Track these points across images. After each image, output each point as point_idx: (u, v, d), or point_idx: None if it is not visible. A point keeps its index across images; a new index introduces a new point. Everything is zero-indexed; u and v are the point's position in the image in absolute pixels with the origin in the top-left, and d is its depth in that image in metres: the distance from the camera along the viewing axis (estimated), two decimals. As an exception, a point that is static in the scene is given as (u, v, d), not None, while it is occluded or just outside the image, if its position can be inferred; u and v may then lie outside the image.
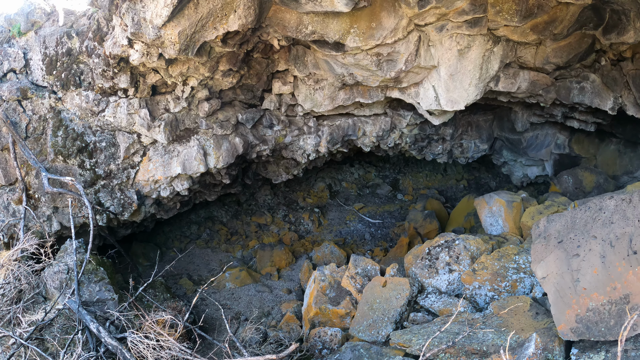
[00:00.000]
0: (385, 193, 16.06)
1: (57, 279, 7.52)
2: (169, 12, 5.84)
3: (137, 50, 7.03)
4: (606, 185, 11.80)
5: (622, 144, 12.00)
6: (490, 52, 8.38)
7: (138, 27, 6.25)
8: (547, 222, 5.27)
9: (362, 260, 8.50)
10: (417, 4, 7.00)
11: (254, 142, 10.10)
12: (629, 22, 7.52)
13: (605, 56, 9.34)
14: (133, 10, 6.14)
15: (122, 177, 9.13)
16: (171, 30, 6.17)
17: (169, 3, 5.74)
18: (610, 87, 9.49)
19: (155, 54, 7.07)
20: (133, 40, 6.89)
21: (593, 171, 12.11)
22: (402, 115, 10.91)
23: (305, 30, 7.36)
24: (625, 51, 8.98)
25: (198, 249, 12.84)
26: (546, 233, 5.14)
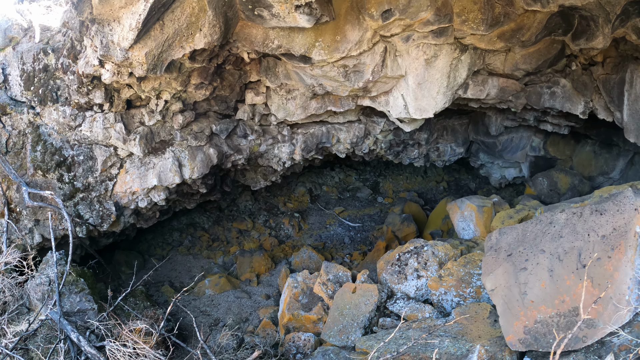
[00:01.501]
0: (366, 196, 16.25)
1: (39, 290, 7.70)
2: (134, 35, 6.00)
3: (108, 70, 7.20)
4: (581, 187, 12.05)
5: (598, 145, 12.21)
6: (457, 61, 8.53)
7: (107, 49, 6.43)
8: (499, 235, 5.46)
9: (333, 267, 8.70)
10: (381, 17, 7.15)
11: (229, 152, 10.25)
12: (598, 28, 7.65)
13: (576, 61, 9.49)
14: (101, 33, 6.30)
15: (100, 189, 9.28)
16: (138, 51, 6.32)
17: (134, 27, 5.90)
18: (581, 91, 9.65)
19: (126, 72, 7.23)
20: (104, 61, 7.05)
21: (568, 173, 12.34)
22: (375, 122, 11.10)
23: (272, 45, 7.51)
24: (596, 56, 9.14)
25: (180, 255, 12.97)
26: (497, 246, 5.34)
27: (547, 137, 12.85)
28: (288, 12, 6.53)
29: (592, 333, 4.34)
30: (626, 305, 4.11)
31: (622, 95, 8.81)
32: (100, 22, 6.15)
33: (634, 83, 8.57)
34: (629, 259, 4.23)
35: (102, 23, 6.16)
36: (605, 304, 4.21)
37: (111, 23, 6.12)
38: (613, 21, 7.38)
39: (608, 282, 4.22)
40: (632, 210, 4.38)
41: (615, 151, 11.77)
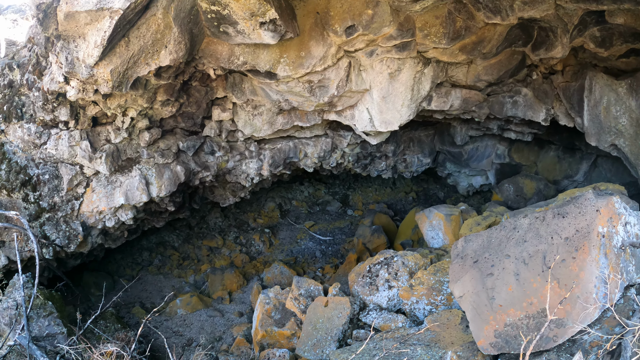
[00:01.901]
0: (336, 209, 16.33)
1: (6, 315, 7.45)
2: (99, 52, 5.93)
3: (73, 87, 7.08)
4: (546, 191, 12.41)
5: (561, 150, 12.61)
6: (421, 74, 8.74)
7: (72, 66, 6.32)
8: (464, 242, 5.58)
9: (304, 282, 8.69)
10: (345, 32, 7.28)
11: (196, 169, 10.17)
12: (557, 38, 7.95)
13: (537, 70, 9.84)
14: (67, 50, 6.20)
15: (67, 209, 9.03)
16: (103, 68, 6.24)
17: (99, 44, 5.83)
18: (542, 99, 10.01)
19: (91, 89, 7.12)
20: (69, 78, 6.94)
21: (533, 178, 12.70)
22: (342, 135, 11.22)
23: (237, 61, 7.54)
24: (556, 65, 9.48)
25: (150, 275, 12.72)
26: (463, 253, 5.45)
27: (511, 144, 13.23)
28: (253, 29, 6.58)
29: (562, 332, 4.45)
30: (594, 303, 4.25)
31: (582, 102, 9.20)
32: (66, 38, 6.06)
33: (593, 89, 8.96)
34: (594, 259, 4.38)
35: (68, 39, 6.07)
36: (573, 304, 4.34)
37: (76, 39, 6.04)
38: (571, 31, 7.71)
39: (574, 282, 4.36)
40: (594, 212, 4.55)
41: (578, 155, 12.21)
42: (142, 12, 5.87)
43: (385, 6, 7.09)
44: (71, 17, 5.67)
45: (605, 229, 4.52)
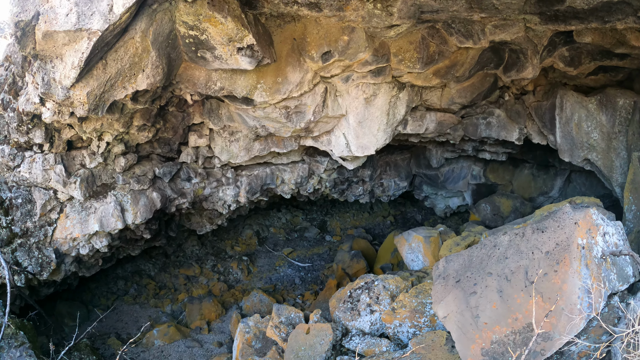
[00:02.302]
0: (314, 236, 16.24)
1: None
2: (76, 73, 5.83)
3: (49, 109, 6.92)
4: (523, 208, 12.62)
5: (535, 168, 12.93)
6: (396, 98, 8.87)
7: (48, 87, 6.18)
8: (445, 263, 5.59)
9: (285, 309, 8.54)
10: (321, 58, 7.37)
11: (173, 195, 10.02)
12: (527, 60, 8.19)
13: (509, 91, 10.14)
14: (44, 70, 6.08)
15: (40, 235, 8.73)
16: (79, 90, 6.14)
17: (77, 65, 5.74)
18: (515, 119, 10.28)
19: (67, 112, 6.97)
20: (45, 99, 6.79)
21: (509, 196, 12.93)
22: (319, 161, 11.25)
23: (214, 87, 7.52)
24: (527, 85, 9.80)
25: (126, 305, 12.34)
26: (445, 273, 5.45)
27: (486, 164, 13.48)
28: (230, 55, 6.59)
29: (550, 345, 4.45)
30: (579, 314, 4.27)
31: (553, 119, 9.50)
32: (43, 58, 5.95)
33: (564, 107, 9.27)
34: (575, 270, 4.42)
35: (45, 59, 5.95)
36: (559, 316, 4.35)
37: (54, 60, 5.93)
38: (541, 52, 7.99)
39: (558, 294, 4.38)
40: (572, 225, 4.62)
41: (552, 171, 12.52)
42: (120, 35, 5.83)
43: (361, 32, 7.22)
44: (49, 37, 5.56)
45: (585, 241, 4.59)
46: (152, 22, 5.97)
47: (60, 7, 5.41)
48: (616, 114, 8.72)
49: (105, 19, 5.32)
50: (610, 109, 8.79)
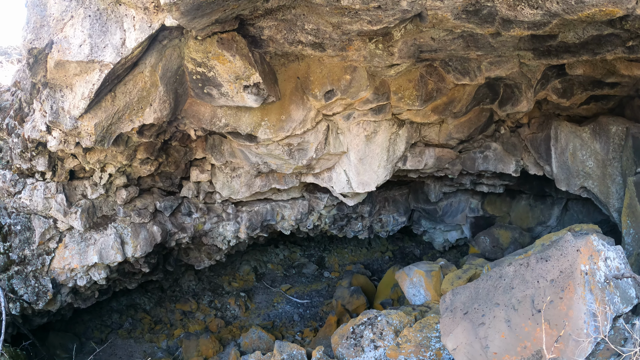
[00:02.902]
0: (312, 272, 16.15)
1: None
2: (85, 104, 5.92)
3: (55, 137, 6.98)
4: (522, 239, 12.69)
5: (532, 198, 13.08)
6: (396, 135, 9.04)
7: (56, 115, 6.24)
8: (452, 295, 5.61)
9: (287, 346, 8.43)
10: (324, 97, 7.57)
11: (173, 230, 10.02)
12: (522, 94, 8.45)
13: (504, 125, 10.38)
14: (52, 99, 6.15)
15: (37, 263, 8.64)
16: (88, 121, 6.22)
17: (87, 96, 5.84)
18: (511, 152, 10.48)
19: (73, 142, 7.05)
20: (51, 128, 6.85)
21: (508, 228, 13.00)
22: (319, 197, 11.34)
23: (219, 123, 7.65)
24: (522, 118, 10.03)
25: (120, 339, 12.11)
26: (452, 306, 5.46)
27: (484, 197, 13.60)
28: (237, 92, 6.75)
29: (560, 370, 4.45)
30: (586, 337, 4.29)
31: (549, 150, 9.70)
32: (53, 86, 6.04)
33: (558, 137, 9.48)
34: (580, 296, 4.47)
35: (55, 88, 6.04)
36: (566, 341, 4.37)
37: (63, 89, 6.03)
38: (535, 86, 8.25)
39: (564, 320, 4.41)
40: (575, 252, 4.69)
41: (549, 201, 12.63)
42: (130, 68, 5.97)
43: (362, 71, 7.45)
44: (61, 66, 5.66)
45: (588, 267, 4.66)
46: (161, 57, 6.14)
47: (74, 38, 5.51)
48: (609, 141, 8.94)
49: (118, 52, 5.47)
50: (603, 137, 9.00)
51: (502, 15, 5.40)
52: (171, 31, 5.84)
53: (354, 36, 6.46)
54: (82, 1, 5.41)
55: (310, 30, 6.33)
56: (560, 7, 4.97)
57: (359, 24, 5.97)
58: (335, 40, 6.58)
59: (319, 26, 6.21)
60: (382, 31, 6.18)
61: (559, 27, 5.61)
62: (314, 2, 5.50)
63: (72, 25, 5.49)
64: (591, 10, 4.87)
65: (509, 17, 5.40)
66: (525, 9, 5.15)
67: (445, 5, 5.36)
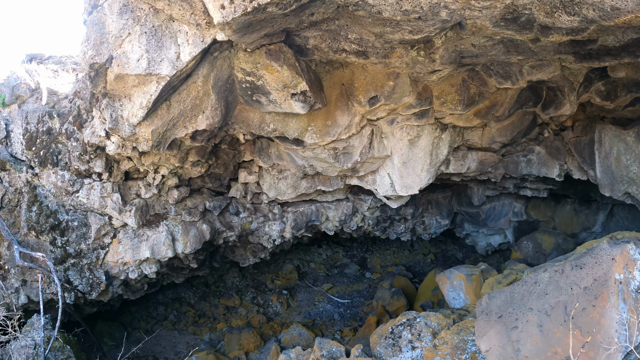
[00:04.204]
0: (354, 272, 16.34)
1: (23, 353, 7.49)
2: (143, 113, 6.41)
3: (114, 142, 7.50)
4: (565, 245, 12.40)
5: (577, 203, 12.78)
6: (438, 139, 9.12)
7: (115, 123, 6.75)
8: (488, 299, 5.72)
9: (327, 343, 8.68)
10: (368, 103, 7.78)
11: (221, 228, 10.48)
12: (565, 97, 8.35)
13: (548, 128, 10.20)
14: (112, 107, 6.66)
15: (92, 257, 9.28)
16: (145, 128, 6.71)
17: (144, 105, 6.32)
18: (555, 156, 10.29)
19: (130, 146, 7.56)
20: (110, 134, 7.37)
21: (551, 233, 12.73)
22: (363, 199, 11.55)
23: (267, 128, 8.01)
24: (566, 121, 9.83)
25: (164, 330, 12.71)
26: (488, 309, 5.58)
27: (527, 201, 13.37)
28: (284, 99, 7.08)
29: (588, 378, 4.52)
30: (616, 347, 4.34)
31: (593, 154, 9.48)
32: (112, 97, 6.55)
33: (602, 141, 9.25)
34: (613, 305, 4.52)
35: (114, 98, 6.56)
36: (597, 349, 4.44)
37: (122, 99, 6.53)
38: (577, 88, 8.14)
39: (596, 328, 4.48)
40: (610, 260, 4.74)
41: (594, 206, 12.31)
42: (184, 80, 6.41)
43: (405, 77, 7.60)
44: (120, 79, 6.16)
45: (622, 276, 4.69)
46: (213, 68, 6.54)
47: (132, 53, 5.98)
48: (654, 145, 8.68)
49: (174, 66, 5.90)
50: (648, 140, 8.74)
51: (540, 22, 5.47)
52: (222, 44, 6.22)
53: (396, 44, 6.63)
54: (137, 19, 5.86)
55: (353, 40, 6.54)
56: (596, 14, 5.00)
57: (401, 34, 6.14)
58: (377, 49, 6.76)
59: (362, 35, 6.41)
60: (423, 39, 6.32)
61: (597, 32, 5.59)
62: (356, 14, 5.72)
63: (130, 42, 5.96)
64: (627, 17, 4.88)
65: (547, 24, 5.46)
66: (562, 16, 5.21)
67: (483, 14, 5.46)
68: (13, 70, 9.55)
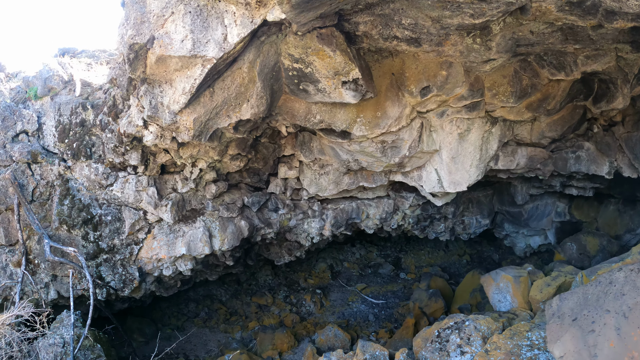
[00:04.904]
0: (388, 272, 15.95)
1: (51, 351, 7.26)
2: (186, 99, 6.08)
3: (152, 132, 7.20)
4: (610, 247, 11.87)
5: (621, 204, 12.27)
6: (488, 133, 8.72)
7: (155, 110, 6.41)
8: (559, 301, 5.29)
9: (369, 346, 8.31)
10: (420, 93, 7.39)
11: (259, 225, 10.17)
12: (617, 89, 7.93)
13: (597, 123, 9.75)
14: (151, 94, 6.32)
15: (126, 252, 9.07)
16: (187, 116, 6.39)
17: (187, 91, 5.99)
18: (605, 152, 9.82)
19: (169, 137, 7.27)
20: (148, 122, 7.07)
21: (596, 234, 12.21)
22: (404, 197, 11.13)
23: (314, 119, 7.65)
24: (616, 116, 9.38)
25: (195, 327, 12.53)
26: (560, 312, 5.15)
27: (571, 201, 12.89)
28: (334, 88, 6.72)
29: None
30: None
31: (646, 151, 8.95)
32: (152, 82, 6.21)
33: None
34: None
35: (153, 84, 6.23)
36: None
37: (162, 85, 6.21)
38: (631, 81, 7.73)
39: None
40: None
41: (639, 207, 11.70)
42: (230, 64, 6.08)
43: (459, 67, 7.24)
44: (162, 62, 5.80)
45: None
46: (259, 53, 6.21)
47: (176, 33, 5.62)
48: None
49: (220, 47, 5.57)
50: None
51: (606, 6, 5.24)
52: (270, 27, 5.90)
53: (452, 30, 6.29)
54: (181, -2, 5.53)
55: (407, 25, 6.21)
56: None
57: (460, 18, 5.80)
58: (432, 35, 6.43)
59: (417, 20, 6.08)
60: (482, 25, 6.00)
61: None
62: (416, -5, 5.38)
63: (173, 21, 5.62)
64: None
65: (613, 9, 5.23)
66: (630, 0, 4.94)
67: (550, -4, 5.15)
68: (45, 63, 9.42)
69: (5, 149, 8.73)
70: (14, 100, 9.35)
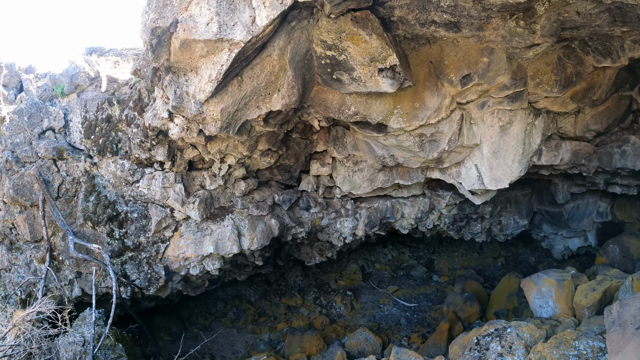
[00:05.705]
0: (420, 274, 15.44)
1: (71, 350, 7.10)
2: (212, 87, 5.77)
3: (177, 125, 6.95)
4: (655, 250, 11.16)
5: None
6: (531, 126, 8.25)
7: (180, 100, 6.11)
8: (620, 307, 4.79)
9: (404, 353, 7.89)
10: (460, 82, 6.97)
11: (290, 224, 9.82)
12: None
13: (643, 115, 9.15)
14: (176, 83, 6.03)
15: (152, 250, 8.86)
16: (214, 106, 6.09)
17: (214, 79, 5.68)
18: (652, 146, 9.21)
19: (196, 129, 6.99)
20: (174, 114, 6.81)
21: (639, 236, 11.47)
22: (441, 195, 10.64)
23: (348, 111, 7.27)
24: None
25: (223, 327, 12.32)
26: (621, 319, 4.65)
27: (613, 200, 12.23)
28: (370, 76, 6.34)
29: None
30: None
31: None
32: (176, 71, 5.93)
33: None
34: None
35: (178, 72, 5.94)
36: None
37: (188, 73, 5.91)
38: None
39: None
40: None
41: None
42: (259, 50, 5.75)
43: (501, 53, 6.81)
44: (186, 47, 5.50)
45: None
46: (290, 39, 5.87)
47: (201, 16, 5.31)
48: None
49: (248, 30, 5.23)
50: None
51: None
52: (301, 11, 5.57)
53: (494, 12, 5.91)
54: (205, -21, 5.23)
55: (446, 8, 5.84)
56: None
57: (504, -5, 5.38)
58: (473, 18, 6.05)
59: (457, 2, 5.70)
60: (525, 5, 5.63)
61: None
62: (458, -27, 4.96)
63: (198, 4, 5.31)
64: None
65: None
66: None
67: (602, -29, 4.68)
68: (72, 60, 9.37)
69: (31, 145, 8.68)
70: (41, 97, 9.32)
